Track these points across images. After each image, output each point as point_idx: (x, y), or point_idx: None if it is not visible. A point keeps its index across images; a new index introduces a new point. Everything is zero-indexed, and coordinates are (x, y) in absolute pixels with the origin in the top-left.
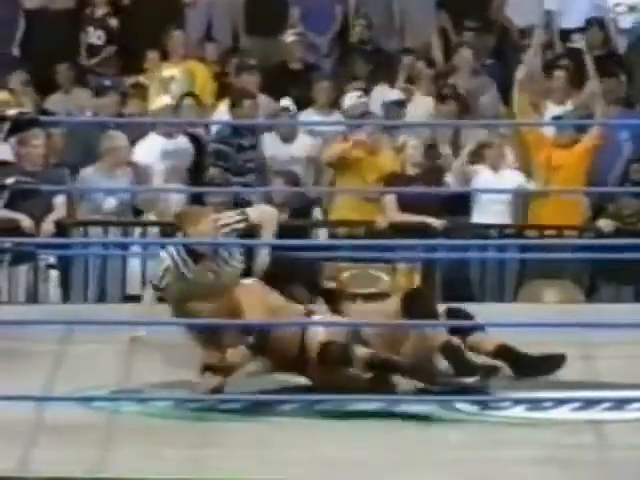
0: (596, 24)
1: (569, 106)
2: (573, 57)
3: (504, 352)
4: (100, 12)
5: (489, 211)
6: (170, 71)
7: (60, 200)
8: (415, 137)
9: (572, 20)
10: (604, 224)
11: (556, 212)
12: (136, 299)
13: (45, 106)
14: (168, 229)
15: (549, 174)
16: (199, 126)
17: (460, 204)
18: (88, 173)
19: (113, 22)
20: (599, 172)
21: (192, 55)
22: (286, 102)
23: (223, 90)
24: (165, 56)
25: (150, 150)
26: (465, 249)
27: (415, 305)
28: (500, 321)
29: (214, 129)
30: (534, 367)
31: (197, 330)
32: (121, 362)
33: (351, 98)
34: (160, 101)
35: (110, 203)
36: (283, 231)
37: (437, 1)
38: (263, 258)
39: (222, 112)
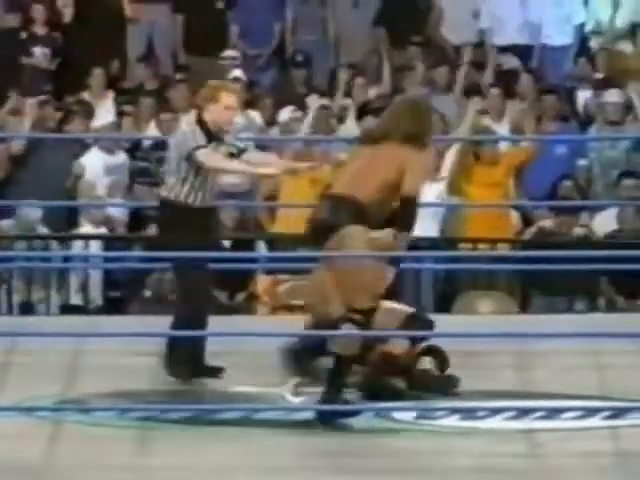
0: (530, 45)
1: (505, 123)
2: (506, 76)
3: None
4: (43, 30)
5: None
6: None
7: None
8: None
9: (505, 38)
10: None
11: (483, 225)
12: (77, 309)
13: None
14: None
15: (475, 188)
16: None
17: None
18: None
19: (57, 39)
20: (530, 187)
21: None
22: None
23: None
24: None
25: (93, 165)
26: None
27: None
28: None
29: None
30: (427, 386)
31: None
32: (65, 372)
33: (286, 113)
34: (102, 119)
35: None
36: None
37: (374, 19)
38: None
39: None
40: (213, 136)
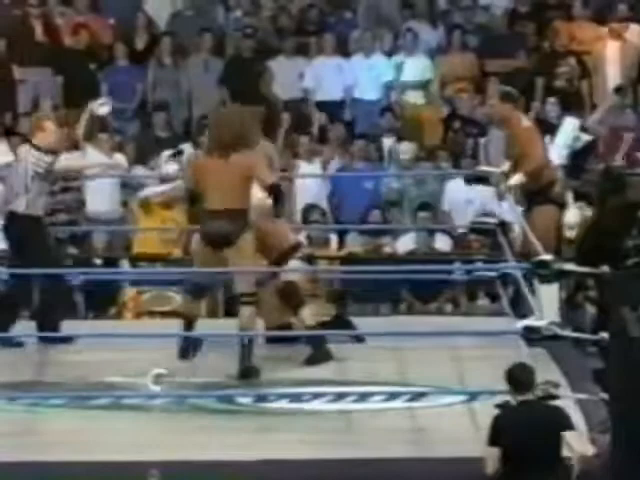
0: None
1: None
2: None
3: None
4: None
5: None
6: None
7: None
8: None
9: (324, 95)
10: None
11: None
12: None
13: None
14: None
15: None
16: None
17: None
18: None
19: None
20: (344, 214)
21: None
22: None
23: None
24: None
25: None
26: None
27: None
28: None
29: None
30: None
31: None
32: None
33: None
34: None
35: None
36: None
37: (218, 78)
38: None
39: None
40: None
